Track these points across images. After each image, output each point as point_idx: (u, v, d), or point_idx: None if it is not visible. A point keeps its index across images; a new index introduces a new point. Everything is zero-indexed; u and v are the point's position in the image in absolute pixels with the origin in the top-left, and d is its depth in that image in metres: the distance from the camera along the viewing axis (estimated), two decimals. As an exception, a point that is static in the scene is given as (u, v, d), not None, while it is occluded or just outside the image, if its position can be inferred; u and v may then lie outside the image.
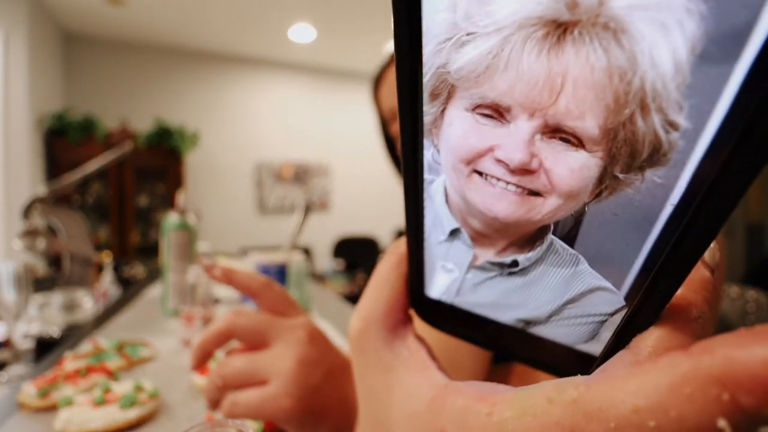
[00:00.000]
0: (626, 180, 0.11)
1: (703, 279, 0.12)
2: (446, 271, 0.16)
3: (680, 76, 0.09)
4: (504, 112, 0.12)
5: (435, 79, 0.13)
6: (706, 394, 0.09)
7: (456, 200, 0.15)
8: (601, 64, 0.10)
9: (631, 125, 0.10)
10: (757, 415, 0.08)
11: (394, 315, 0.17)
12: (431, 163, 0.15)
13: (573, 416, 0.10)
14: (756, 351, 0.08)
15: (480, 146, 0.13)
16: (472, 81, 0.12)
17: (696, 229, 0.10)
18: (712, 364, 0.09)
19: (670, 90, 0.09)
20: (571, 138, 0.11)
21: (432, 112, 0.14)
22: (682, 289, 0.12)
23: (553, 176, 0.12)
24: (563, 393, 0.11)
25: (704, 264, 0.12)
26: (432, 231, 0.16)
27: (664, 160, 0.10)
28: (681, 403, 0.09)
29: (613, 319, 0.13)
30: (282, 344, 0.33)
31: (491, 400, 0.12)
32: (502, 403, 0.12)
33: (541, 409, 0.11)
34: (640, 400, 0.09)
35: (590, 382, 0.11)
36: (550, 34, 0.11)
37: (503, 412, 0.12)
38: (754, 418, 0.08)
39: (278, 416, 0.31)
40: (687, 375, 0.09)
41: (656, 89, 0.10)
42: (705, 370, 0.09)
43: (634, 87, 0.10)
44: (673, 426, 0.09)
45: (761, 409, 0.08)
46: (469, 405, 0.13)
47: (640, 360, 0.11)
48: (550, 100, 0.11)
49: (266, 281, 0.36)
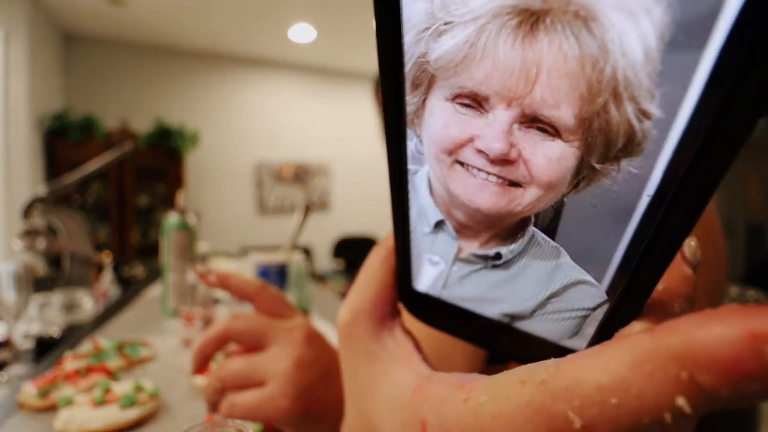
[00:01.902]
0: (603, 170, 0.11)
1: (684, 276, 0.12)
2: (432, 263, 0.16)
3: (650, 64, 0.09)
4: (482, 101, 0.12)
5: (416, 68, 0.13)
6: (666, 373, 0.09)
7: (440, 191, 0.15)
8: (574, 53, 0.10)
9: (605, 114, 0.10)
10: (715, 394, 0.08)
11: (382, 307, 0.17)
12: (414, 154, 0.15)
13: (542, 396, 0.10)
14: (715, 330, 0.08)
15: (460, 136, 0.13)
16: (450, 70, 0.12)
17: (673, 220, 0.10)
18: (672, 342, 0.09)
19: (641, 78, 0.09)
20: (547, 127, 0.11)
21: (414, 102, 0.14)
22: (664, 285, 0.12)
23: (531, 166, 0.12)
24: (534, 374, 0.11)
25: (686, 261, 0.12)
26: (417, 223, 0.16)
27: (639, 149, 0.10)
28: (642, 381, 0.09)
29: (595, 314, 0.13)
30: (279, 346, 0.33)
31: (468, 387, 0.13)
32: (477, 389, 0.12)
33: (513, 392, 0.11)
34: (603, 378, 0.09)
35: (560, 363, 0.11)
36: (524, 23, 0.11)
37: (479, 397, 0.12)
38: (712, 396, 0.08)
39: (276, 417, 0.31)
40: (648, 353, 0.09)
41: (627, 78, 0.10)
42: (665, 349, 0.09)
43: (606, 76, 0.10)
44: (633, 403, 0.09)
45: (718, 389, 0.08)
46: (448, 393, 0.13)
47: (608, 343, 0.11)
48: (526, 89, 0.11)
49: (261, 285, 0.36)
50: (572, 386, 0.10)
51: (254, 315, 0.35)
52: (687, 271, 0.12)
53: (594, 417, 0.09)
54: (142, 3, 2.98)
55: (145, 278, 1.54)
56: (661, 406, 0.09)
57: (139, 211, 3.43)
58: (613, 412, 0.09)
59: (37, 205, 1.05)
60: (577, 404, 0.10)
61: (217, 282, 0.36)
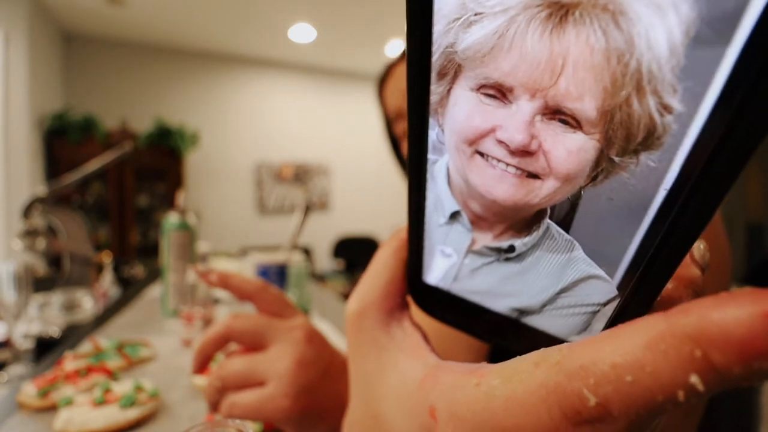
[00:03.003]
0: (621, 163, 0.11)
1: (692, 277, 0.12)
2: (445, 256, 0.16)
3: (675, 58, 0.09)
4: (507, 92, 0.12)
5: (443, 58, 0.13)
6: (680, 351, 0.09)
7: (458, 182, 0.15)
8: (600, 46, 0.10)
9: (627, 107, 0.10)
10: (727, 372, 0.08)
11: (391, 299, 0.17)
12: (435, 143, 0.15)
13: (556, 376, 0.10)
14: (729, 311, 0.08)
15: (483, 126, 0.13)
16: (477, 61, 0.12)
17: (688, 215, 0.10)
18: (687, 322, 0.09)
19: (665, 72, 0.10)
20: (569, 120, 0.12)
21: (439, 91, 0.14)
22: (674, 284, 0.12)
23: (551, 158, 0.12)
24: (548, 356, 0.11)
25: (695, 263, 0.12)
26: (433, 214, 0.16)
27: (658, 143, 0.10)
28: (656, 360, 0.09)
29: (605, 310, 0.13)
30: (279, 345, 0.33)
31: (479, 372, 0.13)
32: (489, 374, 0.12)
33: (527, 374, 0.11)
34: (618, 357, 0.10)
35: (574, 345, 0.11)
36: (553, 15, 0.11)
37: (491, 381, 0.12)
38: (725, 375, 0.08)
39: (276, 416, 0.31)
40: (663, 333, 0.09)
41: (652, 71, 0.10)
42: (680, 329, 0.09)
43: (631, 69, 0.10)
44: (648, 381, 0.09)
45: (732, 367, 0.08)
46: (458, 379, 0.13)
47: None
48: (551, 81, 0.11)
49: (262, 284, 0.36)
50: (587, 365, 0.10)
51: (255, 315, 0.35)
52: (695, 273, 0.12)
53: (609, 394, 0.10)
54: (142, 3, 2.98)
55: (145, 278, 1.54)
56: (675, 383, 0.09)
57: (139, 211, 3.43)
58: (627, 389, 0.09)
59: (37, 205, 1.05)
60: (592, 382, 0.10)
61: (217, 281, 0.36)
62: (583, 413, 0.10)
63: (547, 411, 0.10)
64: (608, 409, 0.10)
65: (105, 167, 1.23)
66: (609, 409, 0.10)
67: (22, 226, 1.02)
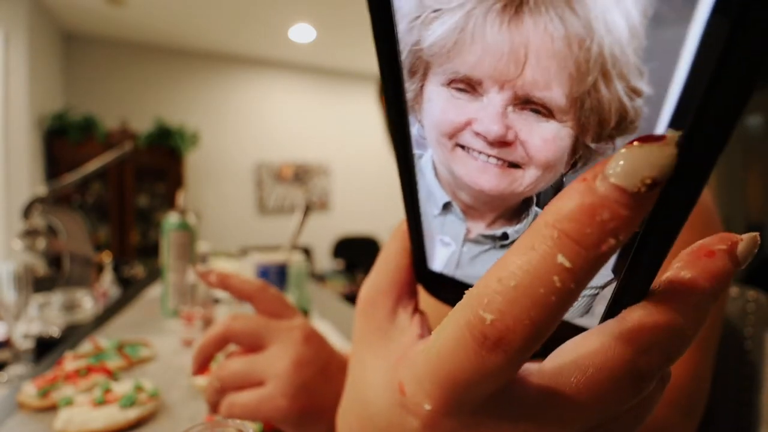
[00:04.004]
0: (599, 149, 0.11)
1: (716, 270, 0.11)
2: (444, 244, 0.17)
3: (636, 40, 0.09)
4: (476, 85, 0.13)
5: (411, 56, 0.13)
6: (544, 239, 0.10)
7: (444, 174, 0.15)
8: (559, 33, 0.10)
9: (596, 93, 0.10)
10: (582, 238, 0.09)
11: (399, 287, 0.18)
12: (418, 139, 0.15)
13: (463, 311, 0.11)
14: (566, 192, 0.10)
15: (458, 120, 0.13)
16: (444, 57, 0.13)
17: (672, 197, 0.10)
18: (542, 217, 0.10)
19: (629, 55, 0.10)
20: (541, 108, 0.12)
21: (412, 89, 0.14)
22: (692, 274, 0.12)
23: (529, 147, 0.12)
24: (461, 302, 0.12)
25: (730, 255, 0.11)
26: (427, 205, 0.16)
27: (632, 127, 0.10)
28: (530, 258, 0.10)
29: (604, 293, 0.13)
30: (278, 345, 0.33)
31: (425, 338, 0.13)
32: (430, 336, 0.13)
33: (447, 321, 0.12)
34: (499, 271, 0.11)
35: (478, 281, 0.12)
36: (508, 6, 0.11)
37: (428, 341, 0.13)
38: (581, 242, 0.09)
39: (275, 416, 0.31)
40: (529, 234, 0.10)
41: (615, 55, 0.10)
42: (539, 224, 0.10)
43: (594, 54, 0.10)
44: (527, 278, 0.10)
45: (581, 230, 0.09)
46: (415, 351, 0.14)
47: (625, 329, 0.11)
48: (517, 71, 0.11)
49: (261, 285, 0.36)
50: (482, 292, 0.11)
51: (254, 315, 0.35)
52: (724, 264, 0.11)
53: (500, 306, 0.10)
54: (142, 3, 2.98)
55: (145, 278, 1.54)
56: (548, 271, 0.10)
57: (139, 211, 3.43)
58: (513, 294, 0.10)
59: (37, 205, 1.05)
60: (485, 302, 0.11)
61: (217, 282, 0.36)
62: (488, 335, 0.11)
63: (464, 348, 0.11)
64: (505, 324, 0.10)
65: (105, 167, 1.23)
66: (506, 323, 0.10)
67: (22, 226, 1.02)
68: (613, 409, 0.12)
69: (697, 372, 0.38)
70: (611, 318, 0.12)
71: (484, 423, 0.12)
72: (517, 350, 0.10)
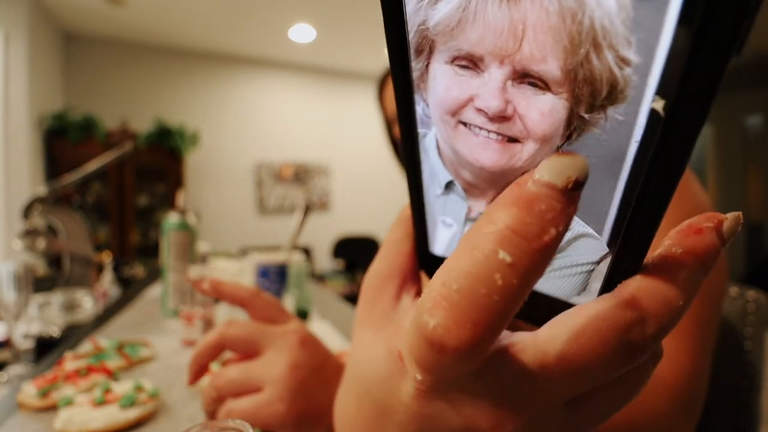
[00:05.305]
0: (591, 120, 0.12)
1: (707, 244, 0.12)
2: (446, 225, 0.17)
3: (624, 11, 0.10)
4: (478, 62, 0.13)
5: (418, 36, 0.14)
6: (485, 236, 0.11)
7: (447, 152, 0.16)
8: (554, 8, 0.11)
9: (588, 64, 0.11)
10: (520, 227, 0.10)
11: (403, 272, 0.18)
12: (422, 117, 0.16)
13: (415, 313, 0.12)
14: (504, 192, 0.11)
15: (461, 96, 0.14)
16: (447, 35, 0.13)
17: (661, 166, 0.10)
18: (483, 217, 0.11)
19: (617, 26, 0.10)
20: (538, 82, 0.12)
21: (418, 68, 0.15)
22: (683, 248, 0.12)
23: (527, 121, 0.13)
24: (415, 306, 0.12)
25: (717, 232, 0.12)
26: (430, 185, 0.17)
27: (622, 96, 0.11)
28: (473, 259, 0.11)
29: (600, 268, 0.13)
30: (274, 351, 0.33)
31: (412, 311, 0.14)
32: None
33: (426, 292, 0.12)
34: (444, 275, 0.11)
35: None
36: None
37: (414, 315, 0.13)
38: (520, 232, 0.10)
39: (272, 421, 0.31)
40: (472, 238, 0.11)
41: (605, 27, 0.10)
42: (479, 224, 0.11)
43: (585, 26, 0.11)
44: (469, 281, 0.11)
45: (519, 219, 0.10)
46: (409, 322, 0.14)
47: (620, 300, 0.12)
48: (515, 46, 0.12)
49: (254, 291, 0.36)
50: (427, 296, 0.12)
51: (248, 322, 0.35)
52: (712, 240, 0.12)
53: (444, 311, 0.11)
54: (142, 3, 2.98)
55: (145, 278, 1.54)
56: (490, 268, 0.10)
57: (139, 211, 3.43)
58: (455, 297, 0.11)
59: (37, 205, 1.05)
60: (429, 306, 0.11)
61: (210, 289, 0.36)
62: (433, 340, 0.11)
63: (419, 346, 0.12)
64: (446, 328, 0.11)
65: (105, 167, 1.23)
66: (447, 328, 0.11)
67: (22, 226, 1.02)
68: (603, 377, 0.12)
69: (695, 369, 0.38)
70: (607, 292, 0.12)
71: (475, 391, 0.13)
72: (465, 352, 0.11)
